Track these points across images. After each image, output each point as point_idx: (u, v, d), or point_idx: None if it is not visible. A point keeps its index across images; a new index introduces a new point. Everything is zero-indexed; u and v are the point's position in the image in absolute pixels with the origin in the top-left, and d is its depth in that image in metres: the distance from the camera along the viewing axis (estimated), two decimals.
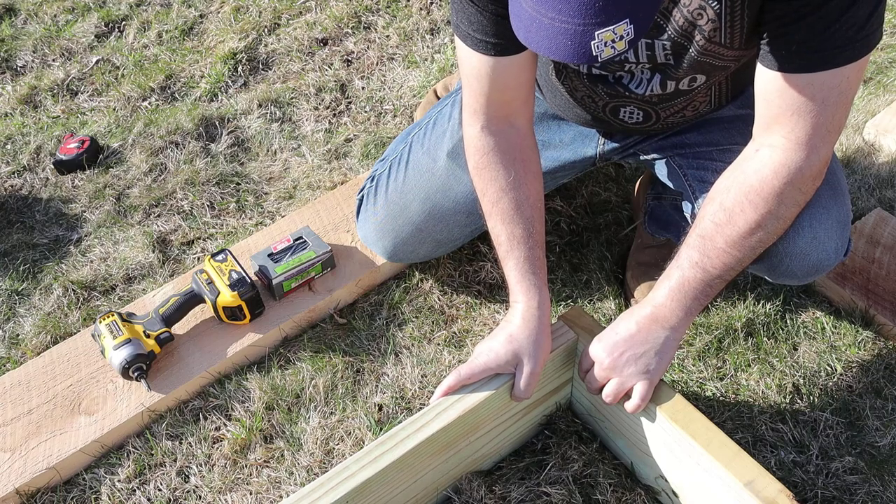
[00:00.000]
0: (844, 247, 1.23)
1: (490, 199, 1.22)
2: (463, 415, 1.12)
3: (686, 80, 1.19)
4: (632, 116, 1.31)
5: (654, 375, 1.12)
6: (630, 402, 1.13)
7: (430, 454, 1.13)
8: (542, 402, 1.28)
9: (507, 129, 1.22)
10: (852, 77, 0.99)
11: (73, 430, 1.39)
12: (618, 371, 1.13)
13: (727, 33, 1.06)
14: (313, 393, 1.44)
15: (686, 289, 1.11)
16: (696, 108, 1.29)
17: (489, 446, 1.25)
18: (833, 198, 1.19)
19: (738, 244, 1.08)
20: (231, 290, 1.47)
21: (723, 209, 1.09)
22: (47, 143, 2.05)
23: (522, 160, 1.23)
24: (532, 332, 1.16)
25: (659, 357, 1.12)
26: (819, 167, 1.06)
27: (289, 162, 1.94)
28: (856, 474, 1.27)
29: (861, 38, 0.96)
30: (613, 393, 1.14)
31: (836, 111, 1.01)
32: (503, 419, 1.22)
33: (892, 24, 2.18)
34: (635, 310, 1.15)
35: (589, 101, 1.31)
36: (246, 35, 2.32)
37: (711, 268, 1.10)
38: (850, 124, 1.91)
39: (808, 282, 1.27)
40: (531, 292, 1.18)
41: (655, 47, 1.13)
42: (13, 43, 2.41)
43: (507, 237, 1.20)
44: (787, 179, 1.05)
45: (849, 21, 0.94)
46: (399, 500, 1.16)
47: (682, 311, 1.12)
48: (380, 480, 1.08)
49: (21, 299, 1.68)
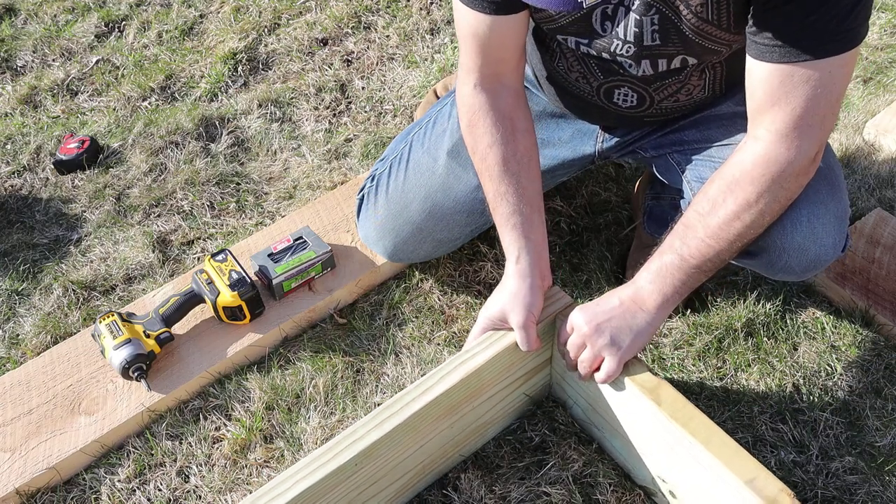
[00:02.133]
0: (842, 242, 1.23)
1: (479, 156, 1.26)
2: (466, 377, 1.15)
3: (677, 61, 1.19)
4: (626, 99, 1.31)
5: (625, 352, 1.14)
6: (598, 374, 1.16)
7: (435, 417, 1.16)
8: (542, 368, 1.30)
9: (498, 88, 1.26)
10: (836, 71, 0.99)
11: (73, 430, 1.39)
12: (592, 340, 1.15)
13: (714, 11, 1.06)
14: (313, 393, 1.44)
15: (664, 275, 1.14)
16: (691, 92, 1.29)
17: (493, 412, 1.27)
18: (831, 193, 1.19)
19: (716, 234, 1.10)
20: (231, 290, 1.47)
21: (707, 199, 1.11)
22: (47, 143, 2.05)
23: (511, 117, 1.26)
24: (512, 287, 1.20)
25: (633, 336, 1.15)
26: (803, 163, 1.06)
27: (289, 162, 1.94)
28: (856, 474, 1.27)
29: (843, 31, 0.96)
30: (587, 361, 1.17)
31: (818, 105, 1.01)
32: (506, 383, 1.25)
33: (893, 25, 2.18)
34: (621, 288, 1.19)
35: (584, 82, 1.32)
36: (246, 35, 2.32)
37: (689, 257, 1.12)
38: (850, 124, 1.91)
39: (806, 277, 1.27)
40: (511, 248, 1.22)
41: (644, 24, 1.13)
42: (13, 43, 2.41)
43: (493, 194, 1.24)
44: (766, 171, 1.06)
45: (830, 12, 0.95)
46: (407, 464, 1.19)
47: (660, 297, 1.14)
48: (387, 443, 1.11)
49: (21, 299, 1.68)
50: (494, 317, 1.21)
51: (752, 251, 1.20)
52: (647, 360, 1.45)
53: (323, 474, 1.05)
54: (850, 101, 1.99)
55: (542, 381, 1.33)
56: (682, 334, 1.49)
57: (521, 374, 1.27)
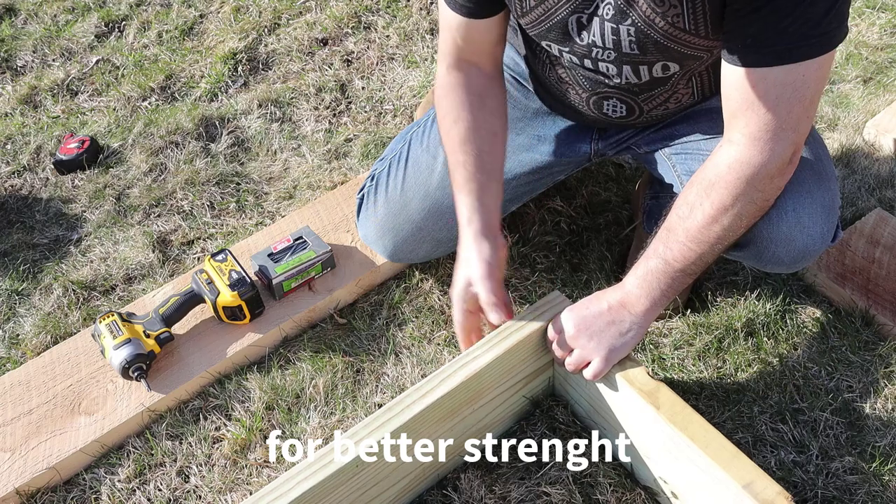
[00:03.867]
0: (832, 233, 1.23)
1: (444, 130, 1.29)
2: (466, 380, 1.15)
3: (658, 67, 1.19)
4: (615, 110, 1.31)
5: (611, 354, 1.16)
6: (585, 371, 1.18)
7: (435, 420, 1.16)
8: (543, 371, 1.30)
9: (471, 69, 1.29)
10: (809, 75, 0.99)
11: (73, 430, 1.39)
12: (580, 343, 1.17)
13: (690, 19, 1.06)
14: (313, 393, 1.45)
15: (650, 279, 1.15)
16: (680, 100, 1.29)
17: (493, 415, 1.27)
18: (818, 183, 1.19)
19: (696, 238, 1.11)
20: (231, 290, 1.47)
21: (686, 203, 1.12)
22: (47, 143, 2.05)
23: (481, 95, 1.28)
24: (466, 254, 1.21)
25: (621, 339, 1.16)
26: (778, 166, 1.06)
27: (289, 162, 1.94)
28: (856, 474, 1.27)
29: (817, 34, 0.96)
30: (574, 362, 1.18)
31: (791, 109, 1.01)
32: (506, 386, 1.25)
33: (893, 25, 2.18)
34: (608, 291, 1.19)
35: (573, 93, 1.32)
36: (246, 35, 2.32)
37: (673, 260, 1.13)
38: (850, 124, 1.91)
39: (797, 269, 1.27)
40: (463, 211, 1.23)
41: (620, 32, 1.13)
42: (13, 43, 2.41)
43: (453, 164, 1.26)
44: (740, 175, 1.06)
45: (803, 16, 0.95)
46: (408, 466, 1.18)
47: (647, 300, 1.15)
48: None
49: (21, 299, 1.68)
50: (462, 290, 1.20)
51: (741, 243, 1.20)
52: (646, 361, 1.45)
53: (324, 476, 1.05)
54: (850, 101, 1.99)
55: (543, 384, 1.33)
56: (682, 334, 1.49)
57: (522, 377, 1.27)
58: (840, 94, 2.01)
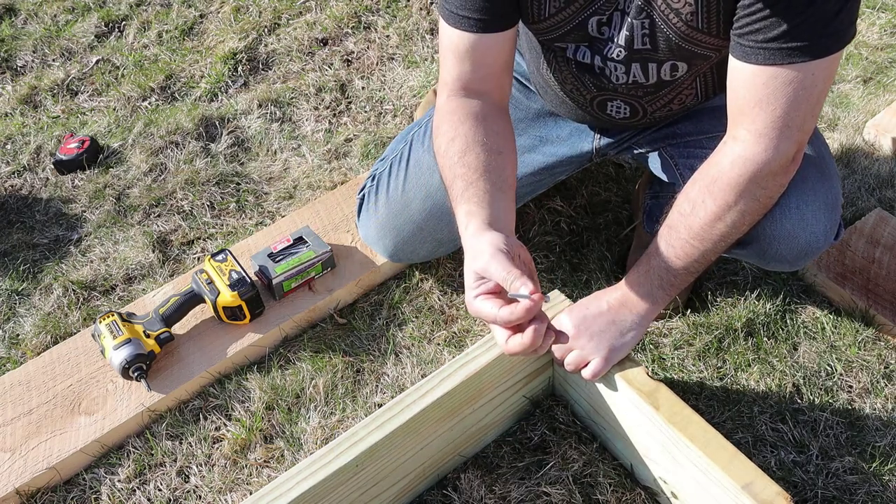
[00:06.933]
0: (834, 230, 1.23)
1: (441, 151, 1.15)
2: (466, 380, 1.15)
3: (667, 67, 1.19)
4: (619, 112, 1.31)
5: (611, 354, 1.15)
6: (584, 371, 1.17)
7: (436, 420, 1.16)
8: (543, 371, 1.30)
9: (474, 97, 1.18)
10: (819, 74, 0.99)
11: (73, 430, 1.39)
12: (580, 344, 1.17)
13: (704, 18, 1.06)
14: (313, 393, 1.45)
15: (651, 277, 1.14)
16: (683, 101, 1.29)
17: (493, 415, 1.28)
18: (821, 180, 1.19)
19: (699, 235, 1.10)
20: (231, 290, 1.47)
21: (688, 200, 1.11)
22: (47, 143, 2.05)
23: (484, 117, 1.16)
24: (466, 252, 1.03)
25: (622, 339, 1.16)
26: (781, 164, 1.06)
27: (289, 162, 1.94)
28: (856, 474, 1.27)
29: (828, 33, 0.96)
30: (574, 362, 1.18)
31: (799, 107, 1.01)
32: (506, 386, 1.25)
33: (893, 25, 2.18)
34: (608, 291, 1.19)
35: (577, 94, 1.32)
36: (246, 35, 2.32)
37: (675, 258, 1.12)
38: (850, 124, 1.91)
39: (799, 266, 1.27)
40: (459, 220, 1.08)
41: (634, 27, 1.13)
42: (13, 43, 2.41)
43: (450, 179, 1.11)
44: (744, 171, 1.06)
45: (816, 14, 0.95)
46: (408, 466, 1.19)
47: (648, 299, 1.15)
48: (387, 445, 1.11)
49: (21, 299, 1.68)
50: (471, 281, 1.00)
51: (744, 240, 1.20)
52: (646, 361, 1.45)
53: (324, 475, 1.05)
54: (850, 101, 1.99)
55: (543, 383, 1.33)
56: (682, 334, 1.49)
57: (521, 376, 1.27)
58: (840, 94, 2.01)
